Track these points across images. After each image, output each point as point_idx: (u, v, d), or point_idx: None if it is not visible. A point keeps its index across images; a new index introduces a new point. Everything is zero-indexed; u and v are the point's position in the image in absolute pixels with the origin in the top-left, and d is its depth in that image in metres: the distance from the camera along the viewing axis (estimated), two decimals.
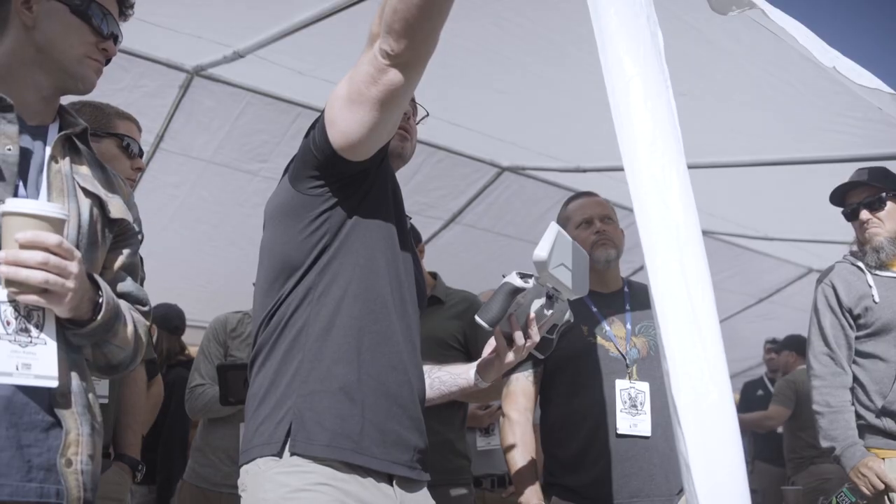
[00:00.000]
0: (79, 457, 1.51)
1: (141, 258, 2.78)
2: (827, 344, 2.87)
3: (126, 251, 1.72)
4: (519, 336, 1.80)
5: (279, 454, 1.62)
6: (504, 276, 1.81)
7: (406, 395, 1.72)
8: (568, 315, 1.91)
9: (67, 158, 1.61)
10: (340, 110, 1.63)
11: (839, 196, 3.04)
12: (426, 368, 1.94)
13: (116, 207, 1.67)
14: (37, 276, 1.39)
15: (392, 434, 1.68)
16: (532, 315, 1.80)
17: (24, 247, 1.38)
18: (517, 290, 1.79)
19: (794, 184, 4.64)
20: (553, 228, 1.76)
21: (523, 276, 1.80)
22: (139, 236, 1.77)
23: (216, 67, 3.74)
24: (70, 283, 1.42)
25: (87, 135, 1.69)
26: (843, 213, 3.03)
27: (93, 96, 2.59)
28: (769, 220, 5.64)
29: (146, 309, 1.76)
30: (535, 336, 1.80)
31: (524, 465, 2.59)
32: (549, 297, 1.82)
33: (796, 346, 6.27)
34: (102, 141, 2.43)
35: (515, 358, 1.83)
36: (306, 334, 1.68)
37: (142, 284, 2.72)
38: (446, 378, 1.98)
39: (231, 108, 4.01)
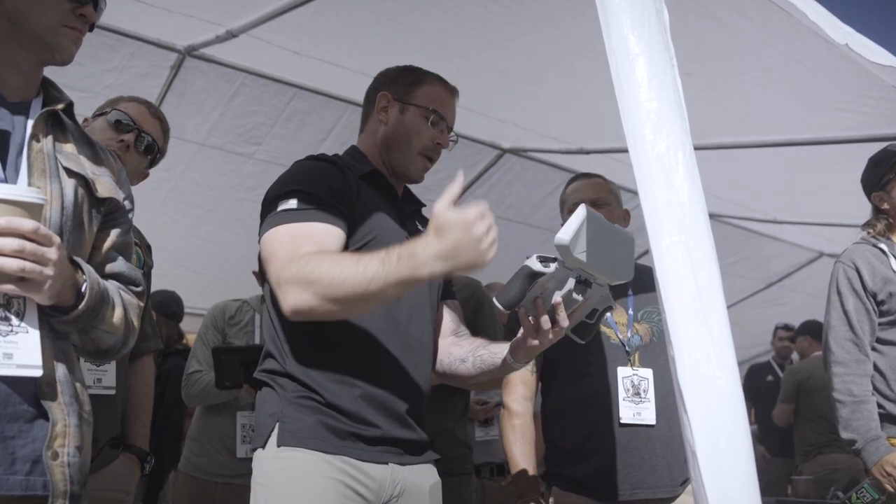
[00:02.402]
0: (66, 449, 1.50)
1: (150, 246, 2.79)
2: (851, 329, 2.79)
3: (116, 230, 1.69)
4: (545, 320, 1.80)
5: (265, 446, 1.92)
6: (527, 258, 1.82)
7: (383, 396, 1.92)
8: (609, 299, 1.92)
9: (50, 136, 1.58)
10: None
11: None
12: (472, 346, 2.05)
13: (104, 186, 1.64)
14: (12, 265, 1.36)
15: (371, 437, 1.91)
16: (558, 300, 1.79)
17: None
18: (535, 275, 1.79)
19: (804, 165, 4.63)
20: (581, 211, 1.73)
21: (544, 259, 1.80)
22: (131, 214, 1.74)
23: (208, 47, 3.72)
24: (48, 271, 1.40)
25: (72, 109, 1.66)
26: None
27: (80, 77, 2.60)
28: (778, 203, 5.63)
29: (139, 289, 1.73)
30: (563, 321, 1.80)
31: (523, 459, 2.60)
32: (581, 282, 1.81)
33: (812, 331, 6.27)
34: (97, 120, 2.47)
35: (542, 342, 1.84)
36: (297, 343, 1.92)
37: (149, 273, 2.72)
38: (486, 357, 2.02)
39: (224, 89, 3.99)
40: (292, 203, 1.86)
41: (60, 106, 1.62)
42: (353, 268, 1.66)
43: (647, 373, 2.56)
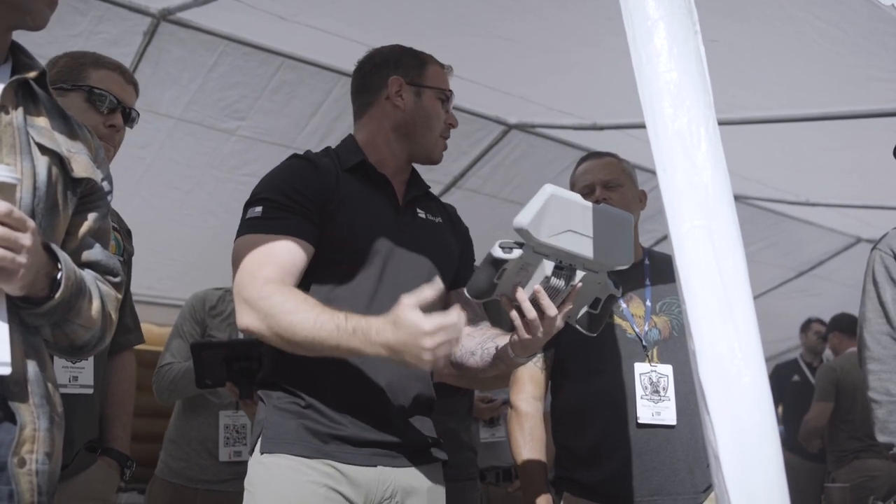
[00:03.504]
0: (34, 455, 1.48)
1: (130, 231, 2.78)
2: (889, 322, 2.78)
3: (93, 214, 1.68)
4: (528, 309, 1.87)
5: (252, 453, 2.10)
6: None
7: (369, 399, 2.06)
8: (612, 288, 1.95)
9: (21, 108, 1.55)
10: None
11: None
12: (482, 338, 2.14)
13: (80, 165, 1.62)
14: None
15: (357, 439, 2.05)
16: (537, 287, 1.86)
17: None
18: (498, 262, 1.85)
19: (841, 141, 4.62)
20: (544, 192, 1.80)
21: (507, 245, 1.85)
22: (109, 196, 1.73)
23: (186, 11, 3.70)
24: (22, 258, 1.38)
25: (45, 79, 1.63)
26: None
27: (42, 44, 2.56)
28: (811, 184, 5.62)
29: (118, 280, 1.72)
30: (549, 310, 1.87)
31: (532, 461, 2.61)
32: (561, 268, 1.85)
33: (843, 326, 6.28)
34: (69, 95, 2.38)
35: (532, 333, 1.91)
36: (280, 350, 2.07)
37: (129, 260, 2.71)
38: (492, 349, 2.11)
39: (203, 58, 3.98)
40: (258, 211, 2.08)
41: (32, 74, 1.59)
42: (311, 322, 1.89)
43: (667, 369, 2.57)
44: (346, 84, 4.32)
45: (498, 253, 1.85)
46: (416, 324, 1.77)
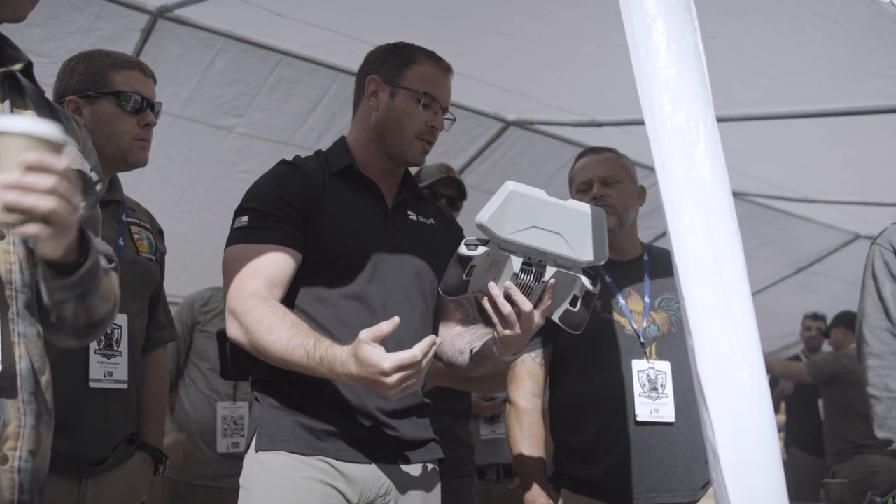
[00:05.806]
0: (17, 452, 1.44)
1: (161, 231, 2.80)
2: (888, 317, 2.78)
3: (82, 204, 1.68)
4: (503, 304, 1.87)
5: (247, 450, 2.14)
6: None
7: (363, 396, 2.07)
8: (588, 285, 1.93)
9: (8, 101, 1.54)
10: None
11: None
12: (472, 337, 2.14)
13: (69, 157, 1.56)
14: (45, 203, 1.30)
15: (352, 437, 2.07)
16: (508, 283, 1.87)
17: (30, 170, 1.29)
18: (464, 259, 1.86)
19: (840, 137, 4.61)
20: (505, 188, 1.80)
21: (470, 243, 1.87)
22: (98, 186, 1.72)
23: (183, 8, 3.70)
24: (75, 216, 1.37)
25: (31, 70, 1.61)
26: None
27: (39, 40, 2.54)
28: (810, 180, 5.62)
29: (112, 265, 1.70)
30: (524, 305, 1.87)
31: (531, 458, 2.60)
32: (529, 264, 1.86)
33: (847, 321, 6.29)
34: (98, 102, 2.41)
35: (510, 329, 1.90)
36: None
37: (162, 259, 2.75)
38: (481, 348, 2.11)
39: (201, 55, 3.98)
40: (244, 221, 2.11)
41: (18, 66, 1.57)
42: (283, 345, 1.92)
43: (665, 366, 2.57)
44: (344, 81, 4.35)
45: (463, 250, 1.86)
46: (375, 363, 1.78)
